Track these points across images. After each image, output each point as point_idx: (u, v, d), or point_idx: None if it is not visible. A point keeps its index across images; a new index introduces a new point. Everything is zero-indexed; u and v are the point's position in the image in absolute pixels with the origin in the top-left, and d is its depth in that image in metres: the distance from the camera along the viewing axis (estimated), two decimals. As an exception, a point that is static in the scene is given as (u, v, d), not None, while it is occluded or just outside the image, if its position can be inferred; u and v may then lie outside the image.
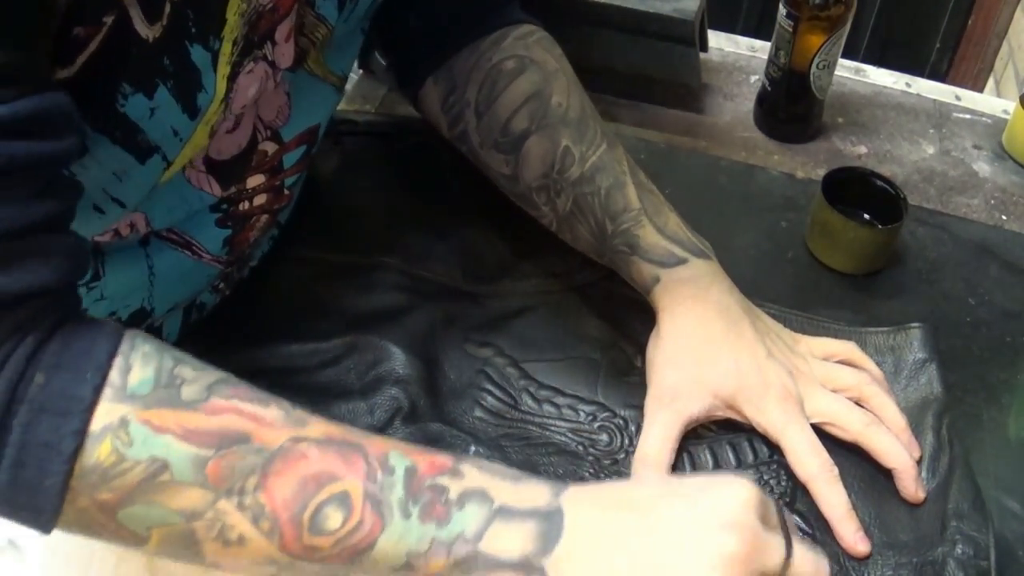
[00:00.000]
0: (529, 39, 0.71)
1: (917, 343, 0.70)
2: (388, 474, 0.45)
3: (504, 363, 0.69)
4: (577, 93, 0.70)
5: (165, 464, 0.41)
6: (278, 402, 0.46)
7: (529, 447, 0.64)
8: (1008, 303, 0.77)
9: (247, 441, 0.43)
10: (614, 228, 0.66)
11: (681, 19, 0.89)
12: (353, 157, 0.84)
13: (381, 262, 0.74)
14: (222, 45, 0.50)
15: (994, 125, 0.97)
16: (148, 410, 0.42)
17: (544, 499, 0.47)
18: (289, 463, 0.43)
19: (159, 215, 0.58)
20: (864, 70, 1.04)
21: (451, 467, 0.47)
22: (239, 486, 0.42)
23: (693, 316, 0.63)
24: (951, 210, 0.87)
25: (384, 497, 0.44)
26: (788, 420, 0.61)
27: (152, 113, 0.47)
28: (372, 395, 0.65)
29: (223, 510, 0.42)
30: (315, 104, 0.66)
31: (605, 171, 0.67)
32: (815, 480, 0.59)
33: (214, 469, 0.42)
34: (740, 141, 0.94)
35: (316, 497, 0.43)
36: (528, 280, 0.75)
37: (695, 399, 0.62)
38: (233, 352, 0.67)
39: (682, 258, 0.65)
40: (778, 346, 0.64)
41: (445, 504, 0.45)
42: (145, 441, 0.41)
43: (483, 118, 0.70)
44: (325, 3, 0.60)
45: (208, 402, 0.43)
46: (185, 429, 0.42)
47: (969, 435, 0.66)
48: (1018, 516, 0.62)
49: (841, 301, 0.76)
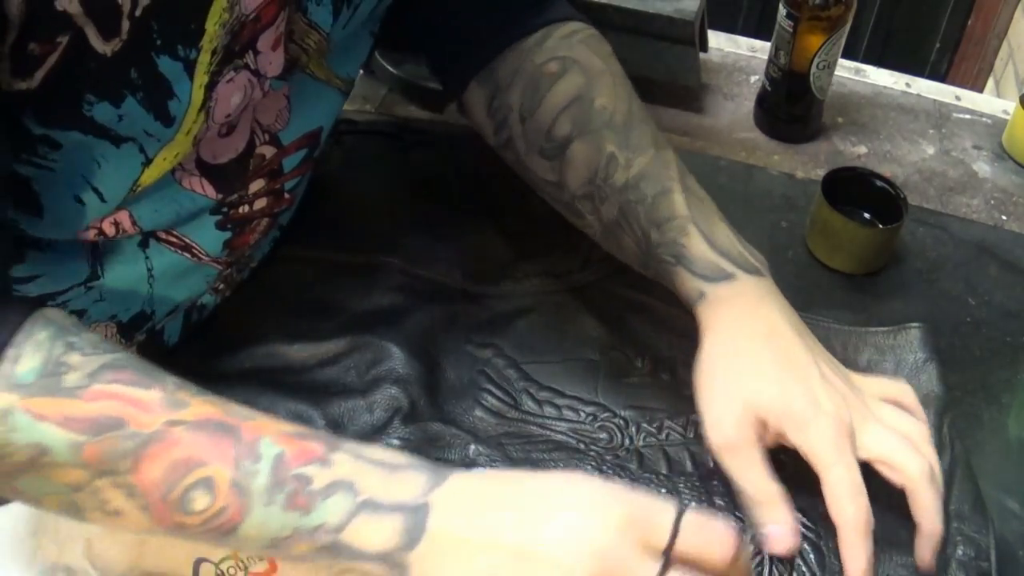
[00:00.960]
0: (573, 38, 0.68)
1: (917, 342, 0.70)
2: (254, 461, 0.46)
3: (504, 364, 0.69)
4: (624, 94, 0.67)
5: (46, 449, 0.44)
6: (161, 383, 0.47)
7: (530, 444, 0.64)
8: (1008, 303, 0.77)
9: (122, 427, 0.45)
10: (659, 237, 0.62)
11: (681, 19, 0.89)
12: (354, 157, 0.84)
13: (382, 262, 0.74)
14: (199, 55, 0.49)
15: (994, 125, 0.97)
16: (31, 398, 0.44)
17: (414, 492, 0.46)
18: (162, 448, 0.45)
19: (145, 215, 0.57)
20: (864, 70, 1.04)
21: (321, 456, 0.47)
22: (113, 468, 0.45)
23: (738, 337, 0.59)
24: (951, 210, 0.87)
25: (249, 484, 0.45)
26: (837, 455, 0.55)
27: (120, 119, 0.48)
28: (371, 394, 0.65)
29: (100, 487, 0.45)
30: (317, 108, 0.65)
31: (652, 178, 0.63)
32: (847, 528, 0.55)
33: (90, 453, 0.44)
34: (740, 141, 0.94)
35: (183, 481, 0.45)
36: (528, 281, 0.75)
37: (752, 425, 0.57)
38: (233, 351, 0.68)
39: (730, 273, 0.60)
40: (835, 373, 0.59)
41: (309, 494, 0.46)
42: (27, 428, 0.44)
43: (527, 123, 0.67)
44: (319, 10, 0.59)
45: (87, 389, 0.45)
46: (64, 416, 0.44)
47: (969, 435, 0.66)
48: (1018, 516, 0.62)
49: (841, 301, 0.76)
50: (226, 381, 0.66)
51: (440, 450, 0.62)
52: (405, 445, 0.62)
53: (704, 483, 0.62)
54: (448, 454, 0.62)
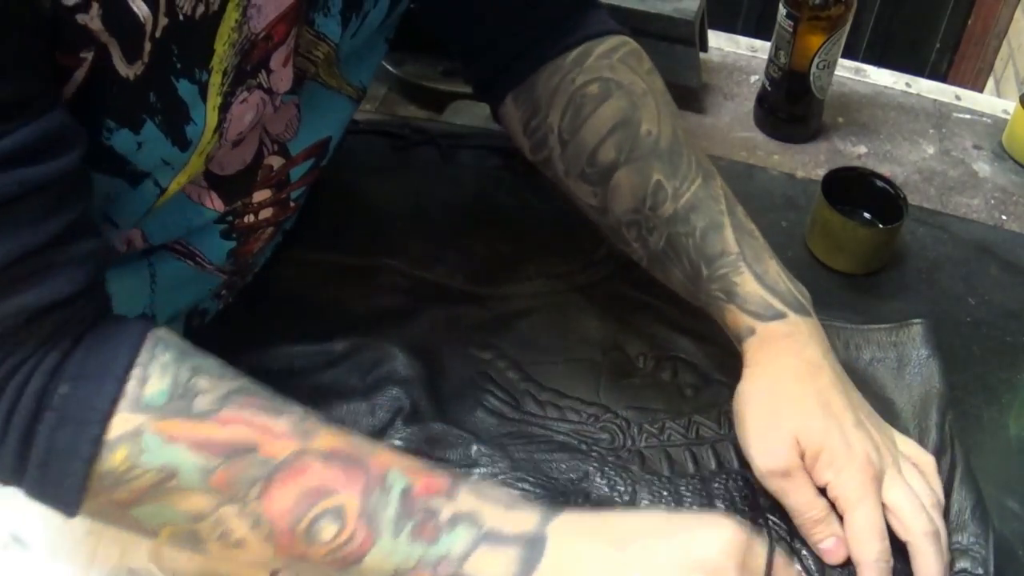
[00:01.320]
0: (614, 57, 0.67)
1: (919, 339, 0.70)
2: (384, 492, 0.46)
3: (506, 365, 0.68)
4: (669, 118, 0.66)
5: (174, 472, 0.44)
6: (290, 412, 0.47)
7: (532, 444, 0.64)
8: (1008, 303, 0.77)
9: (253, 452, 0.45)
10: (710, 273, 0.63)
11: (681, 19, 0.89)
12: (354, 157, 0.84)
13: (383, 264, 0.74)
14: (211, 76, 0.49)
15: (994, 125, 0.97)
16: (162, 420, 0.44)
17: (531, 525, 0.48)
18: (291, 475, 0.45)
19: (156, 231, 0.57)
20: (864, 70, 1.04)
21: (447, 489, 0.48)
22: (241, 494, 0.45)
23: (782, 373, 0.60)
24: (951, 210, 0.87)
25: (378, 514, 0.46)
26: (863, 495, 0.57)
27: (140, 147, 0.48)
28: (374, 396, 0.65)
29: (225, 515, 0.45)
30: (327, 116, 0.64)
31: (700, 210, 0.63)
32: (867, 567, 0.56)
33: (220, 478, 0.44)
34: (740, 141, 0.94)
35: (313, 509, 0.45)
36: (530, 282, 0.75)
37: (793, 451, 0.58)
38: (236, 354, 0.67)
39: (780, 312, 0.61)
40: (871, 418, 0.61)
41: (435, 525, 0.46)
42: (157, 450, 0.44)
43: (568, 146, 0.66)
44: (327, 22, 0.58)
45: (220, 413, 0.45)
46: (195, 439, 0.44)
47: (969, 435, 0.66)
48: (1018, 516, 0.62)
49: (841, 301, 0.76)
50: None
51: (442, 450, 0.62)
52: (407, 446, 0.62)
53: (705, 484, 0.62)
54: (450, 454, 0.62)
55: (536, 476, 0.61)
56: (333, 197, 0.80)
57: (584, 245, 0.76)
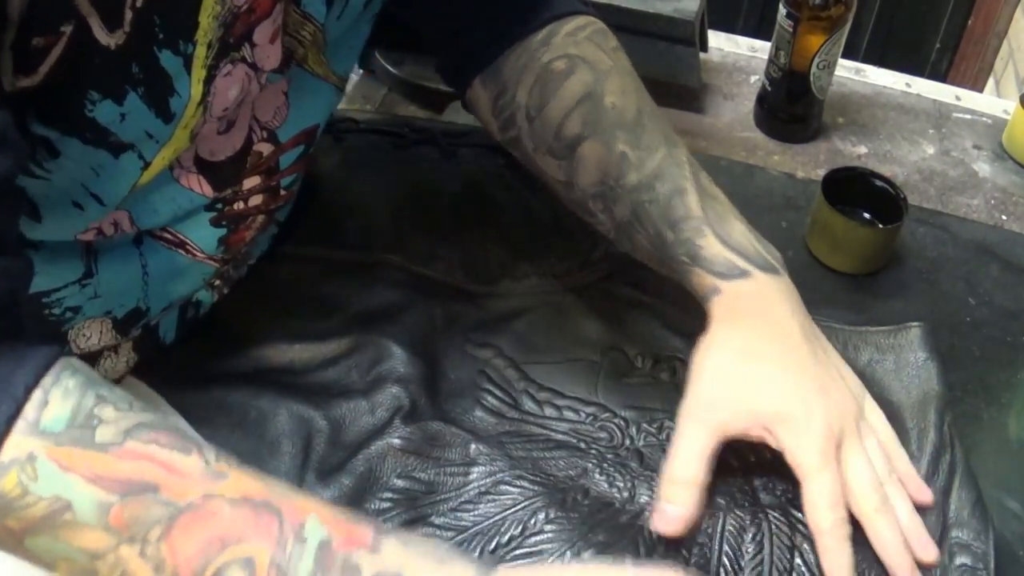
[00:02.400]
0: (580, 35, 0.67)
1: (917, 342, 0.70)
2: (300, 543, 0.43)
3: (504, 364, 0.68)
4: (633, 92, 0.66)
5: (68, 504, 0.41)
6: (202, 452, 0.44)
7: (530, 443, 0.64)
8: (1008, 303, 0.77)
9: (155, 491, 0.42)
10: (675, 237, 0.62)
11: (681, 19, 0.89)
12: (354, 156, 0.84)
13: (382, 260, 0.74)
14: (195, 49, 0.49)
15: (994, 125, 0.97)
16: (58, 448, 0.41)
17: None
18: (197, 519, 0.42)
19: (144, 214, 0.57)
20: (864, 70, 1.04)
21: (370, 543, 0.44)
22: (142, 535, 0.42)
23: (747, 332, 0.60)
24: (951, 210, 0.87)
25: (291, 567, 0.43)
26: (821, 464, 0.56)
27: (123, 118, 0.47)
28: (374, 394, 0.65)
29: (125, 556, 0.42)
30: (315, 104, 0.65)
31: (664, 177, 0.63)
32: (825, 535, 0.56)
33: (117, 515, 0.42)
34: (740, 141, 0.94)
35: (220, 557, 0.42)
36: (528, 280, 0.75)
37: (730, 416, 0.58)
38: (234, 351, 0.68)
39: (745, 270, 0.61)
40: (836, 384, 0.60)
41: None
42: (51, 478, 0.41)
43: (535, 122, 0.67)
44: (312, 1, 0.58)
45: (122, 446, 0.42)
46: (93, 472, 0.42)
47: (969, 435, 0.66)
48: (1018, 516, 0.62)
49: (841, 301, 0.76)
50: (227, 381, 0.66)
51: (440, 449, 0.62)
52: (406, 444, 0.62)
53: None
54: (448, 453, 0.62)
55: (535, 474, 0.61)
56: (332, 195, 0.80)
57: (583, 245, 0.76)
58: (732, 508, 0.60)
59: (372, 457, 0.62)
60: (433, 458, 0.62)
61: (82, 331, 0.58)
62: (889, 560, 0.56)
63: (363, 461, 0.61)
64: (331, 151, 0.83)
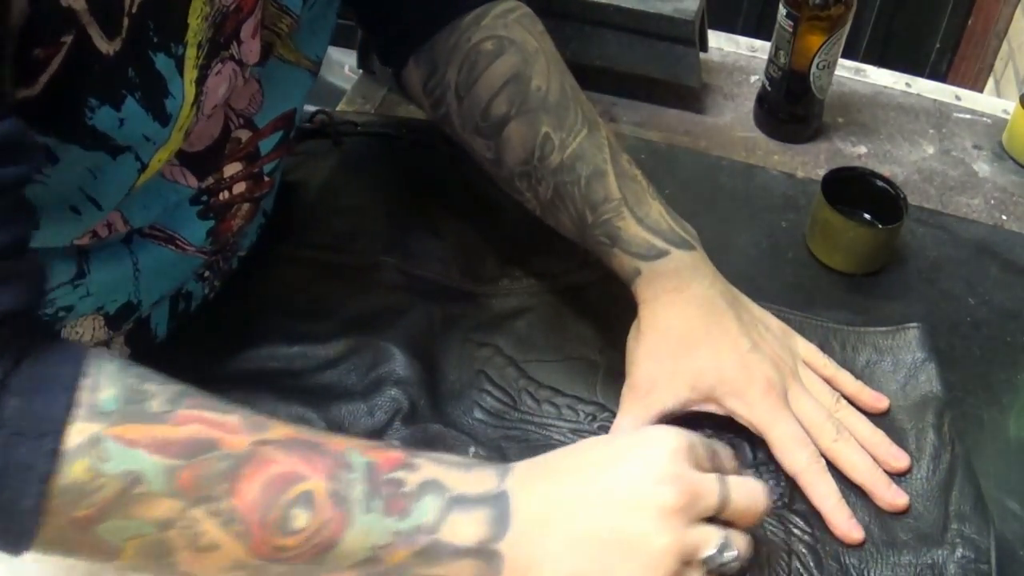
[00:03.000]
0: (509, 17, 0.69)
1: (916, 343, 0.70)
2: (349, 471, 0.46)
3: (503, 363, 0.68)
4: (558, 74, 0.68)
5: (139, 477, 0.42)
6: (238, 409, 0.47)
7: (528, 450, 0.63)
8: (1008, 303, 0.77)
9: (215, 448, 0.44)
10: (594, 219, 0.65)
11: (681, 19, 0.89)
12: (352, 157, 0.84)
13: (380, 262, 0.74)
14: (186, 50, 0.49)
15: (994, 125, 0.97)
16: (118, 426, 0.43)
17: (492, 483, 0.49)
18: (256, 467, 0.44)
19: (136, 213, 0.57)
20: (864, 70, 1.04)
21: (406, 461, 0.48)
22: (209, 493, 0.44)
23: (673, 309, 0.63)
24: (951, 210, 0.87)
25: (347, 494, 0.45)
26: (774, 414, 0.61)
27: (122, 124, 0.48)
28: (372, 396, 0.65)
29: (195, 518, 0.43)
30: (289, 90, 0.65)
31: (585, 159, 0.66)
32: (804, 473, 0.60)
33: (186, 478, 0.43)
34: (740, 141, 0.94)
35: (283, 497, 0.44)
36: (527, 280, 0.75)
37: (670, 393, 0.62)
38: (233, 353, 0.67)
39: (663, 250, 0.64)
40: (765, 339, 0.64)
41: (404, 498, 0.46)
42: (119, 455, 0.42)
43: (463, 101, 0.69)
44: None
45: (174, 414, 0.44)
46: (155, 441, 0.43)
47: (969, 435, 0.66)
48: (1018, 516, 0.62)
49: (841, 301, 0.76)
50: (226, 382, 0.65)
51: (440, 451, 0.62)
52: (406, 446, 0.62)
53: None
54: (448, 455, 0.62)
55: None
56: (332, 197, 0.80)
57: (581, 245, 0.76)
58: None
59: (371, 458, 0.61)
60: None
61: (75, 328, 0.58)
62: (862, 479, 0.60)
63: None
64: (329, 154, 0.83)
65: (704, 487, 0.49)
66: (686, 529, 0.48)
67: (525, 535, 0.47)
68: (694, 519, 0.49)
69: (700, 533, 0.49)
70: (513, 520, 0.47)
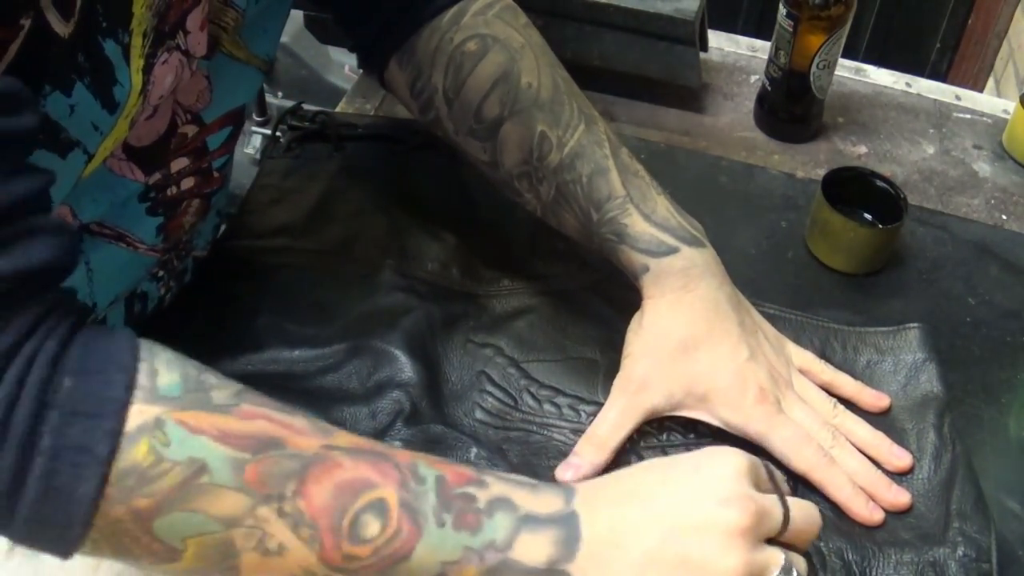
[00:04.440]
0: (489, 13, 0.67)
1: (916, 343, 0.70)
2: (420, 483, 0.45)
3: (505, 363, 0.68)
4: (548, 68, 0.67)
5: (204, 465, 0.40)
6: (302, 412, 0.46)
7: (529, 451, 0.63)
8: (1008, 303, 0.77)
9: (282, 447, 0.42)
10: (599, 217, 0.64)
11: (681, 19, 0.89)
12: (352, 159, 0.84)
13: (381, 264, 0.74)
14: (131, 39, 0.48)
15: (994, 125, 0.97)
16: (182, 411, 0.41)
17: (559, 504, 0.48)
18: (326, 470, 0.43)
19: (85, 207, 0.56)
20: (864, 70, 1.04)
21: (475, 477, 0.47)
22: (278, 491, 0.42)
23: (677, 308, 0.62)
24: (951, 210, 0.87)
25: (419, 505, 0.44)
26: (769, 421, 0.60)
27: (72, 110, 0.46)
28: (374, 399, 0.65)
29: (263, 517, 0.41)
30: (238, 87, 0.65)
31: (585, 156, 0.65)
32: (814, 469, 0.59)
33: (253, 472, 0.41)
34: (740, 141, 0.94)
35: (355, 504, 0.43)
36: (527, 280, 0.75)
37: (661, 393, 0.62)
38: (234, 356, 0.67)
39: (673, 247, 0.63)
40: (763, 347, 0.64)
41: (475, 513, 0.46)
42: (183, 441, 0.40)
43: (453, 105, 0.68)
44: None
45: (239, 407, 0.43)
46: (221, 431, 0.41)
47: (969, 435, 0.66)
48: (1018, 516, 0.62)
49: (841, 301, 0.76)
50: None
51: (441, 453, 0.62)
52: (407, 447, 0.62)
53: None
54: (449, 457, 0.62)
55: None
56: (332, 201, 0.80)
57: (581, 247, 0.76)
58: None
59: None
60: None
61: None
62: (862, 484, 0.60)
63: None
64: (330, 158, 0.83)
65: (768, 508, 0.49)
66: (752, 551, 0.48)
67: (594, 557, 0.47)
68: (759, 540, 0.48)
69: (765, 555, 0.49)
70: (582, 542, 0.47)
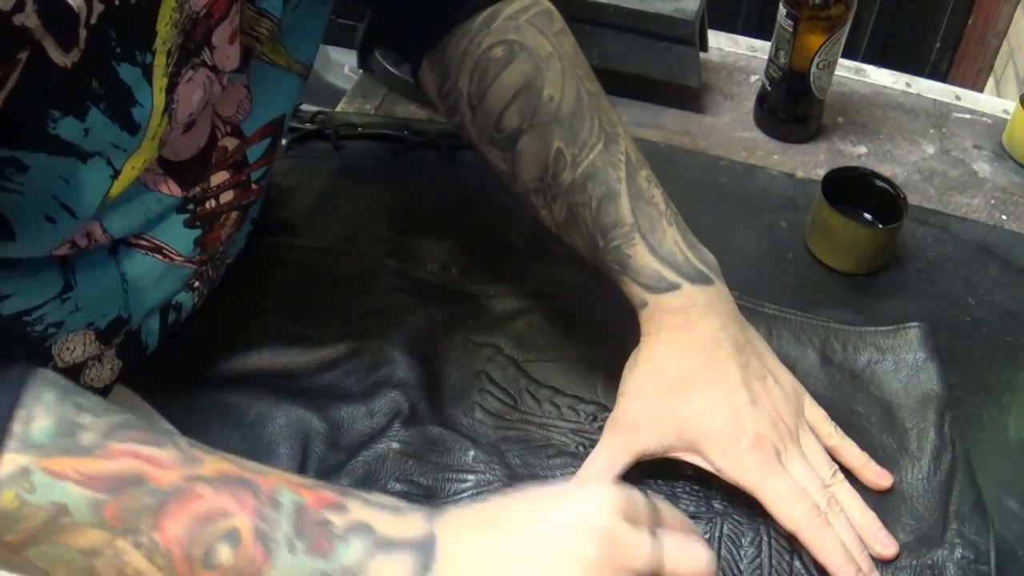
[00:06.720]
0: (521, 18, 0.65)
1: (917, 342, 0.70)
2: (276, 510, 0.46)
3: (504, 363, 0.68)
4: (573, 81, 0.64)
5: (64, 508, 0.43)
6: (174, 442, 0.47)
7: (528, 451, 0.63)
8: (1008, 303, 0.77)
9: (142, 483, 0.44)
10: (604, 244, 0.62)
11: (681, 19, 0.89)
12: (353, 162, 0.84)
13: (381, 264, 0.74)
14: (155, 58, 0.49)
15: (994, 125, 0.97)
16: (48, 458, 0.43)
17: (420, 528, 0.48)
18: (182, 502, 0.45)
19: (115, 223, 0.56)
20: (864, 70, 1.04)
21: (336, 502, 0.48)
22: (135, 525, 0.44)
23: (674, 347, 0.60)
24: (951, 210, 0.87)
25: (271, 532, 0.45)
26: (763, 471, 0.58)
27: (87, 133, 0.47)
28: (372, 399, 0.65)
29: (120, 548, 0.44)
30: (278, 95, 0.64)
31: (597, 178, 0.62)
32: (804, 530, 0.57)
33: (111, 511, 0.44)
34: (740, 141, 0.94)
35: (207, 534, 0.45)
36: (527, 281, 0.74)
37: (653, 435, 0.60)
38: (232, 355, 0.67)
39: (673, 283, 0.60)
40: (770, 393, 0.61)
41: (329, 539, 0.46)
42: (46, 487, 0.43)
43: (476, 112, 0.66)
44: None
45: (105, 448, 0.45)
46: (82, 475, 0.44)
47: (969, 435, 0.66)
48: (1018, 516, 0.62)
49: (841, 301, 0.76)
50: (224, 385, 0.66)
51: (440, 454, 0.62)
52: (405, 448, 0.62)
53: (703, 487, 0.61)
54: (447, 458, 0.62)
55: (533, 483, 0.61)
56: (332, 201, 0.80)
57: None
58: (730, 513, 0.60)
59: (370, 460, 0.62)
60: (432, 463, 0.62)
61: (65, 345, 0.58)
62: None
63: (361, 464, 0.61)
64: (330, 158, 0.83)
65: (631, 543, 0.47)
66: None
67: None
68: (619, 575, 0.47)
69: None
70: (436, 566, 0.46)
